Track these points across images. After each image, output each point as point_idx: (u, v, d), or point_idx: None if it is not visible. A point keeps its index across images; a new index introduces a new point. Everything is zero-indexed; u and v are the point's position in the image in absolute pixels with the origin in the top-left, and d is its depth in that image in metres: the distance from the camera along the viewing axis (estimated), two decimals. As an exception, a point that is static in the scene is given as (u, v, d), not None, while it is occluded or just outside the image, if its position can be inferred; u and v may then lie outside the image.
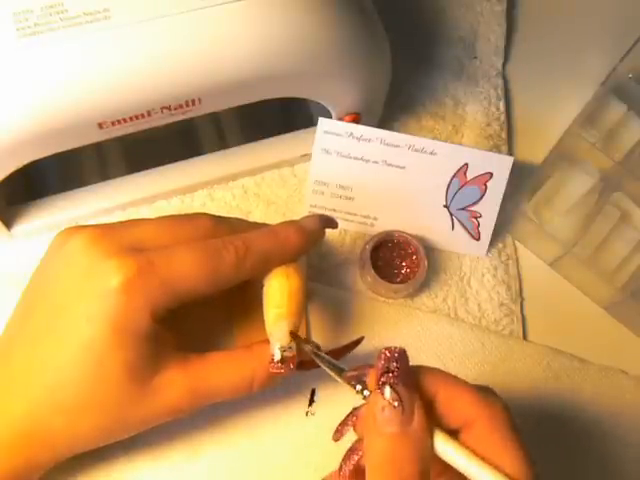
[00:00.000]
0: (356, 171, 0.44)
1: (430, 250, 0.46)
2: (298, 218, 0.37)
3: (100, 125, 0.36)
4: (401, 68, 0.49)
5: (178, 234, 0.33)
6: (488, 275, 0.47)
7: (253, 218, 0.46)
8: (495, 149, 0.50)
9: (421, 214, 0.46)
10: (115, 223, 0.35)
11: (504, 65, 0.55)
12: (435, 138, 0.50)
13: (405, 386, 0.27)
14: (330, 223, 0.39)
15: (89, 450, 0.33)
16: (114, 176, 0.45)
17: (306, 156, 0.47)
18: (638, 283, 0.46)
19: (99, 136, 0.37)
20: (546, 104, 0.54)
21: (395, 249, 0.45)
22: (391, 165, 0.44)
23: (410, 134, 0.44)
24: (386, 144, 0.44)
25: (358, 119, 0.44)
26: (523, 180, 0.48)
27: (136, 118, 0.37)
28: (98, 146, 0.49)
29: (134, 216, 0.45)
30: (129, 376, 0.31)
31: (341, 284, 0.45)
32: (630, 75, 0.51)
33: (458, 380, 0.29)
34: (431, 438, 0.27)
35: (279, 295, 0.34)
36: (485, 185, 0.45)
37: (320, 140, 0.44)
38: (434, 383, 0.28)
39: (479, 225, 0.46)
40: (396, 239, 0.45)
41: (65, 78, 0.34)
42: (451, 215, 0.46)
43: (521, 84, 0.55)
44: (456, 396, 0.28)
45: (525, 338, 0.46)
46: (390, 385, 0.27)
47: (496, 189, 0.45)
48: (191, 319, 0.35)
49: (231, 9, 0.35)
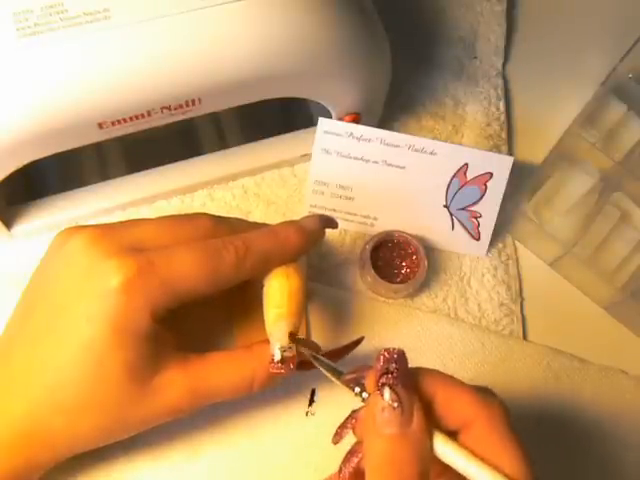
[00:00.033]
0: (356, 171, 0.44)
1: (430, 250, 0.46)
2: (298, 218, 0.37)
3: (100, 125, 0.36)
4: (401, 68, 0.49)
5: (178, 234, 0.33)
6: (488, 275, 0.47)
7: (253, 218, 0.46)
8: (495, 149, 0.50)
9: (421, 214, 0.46)
10: (115, 223, 0.35)
11: (504, 65, 0.55)
12: (435, 138, 0.50)
13: (404, 387, 0.27)
14: (330, 223, 0.39)
15: (89, 450, 0.33)
16: (114, 176, 0.45)
17: (306, 156, 0.46)
18: (638, 283, 0.46)
19: (99, 136, 0.37)
20: (546, 104, 0.54)
21: (395, 249, 0.45)
22: (391, 165, 0.44)
23: (410, 134, 0.44)
24: (386, 144, 0.44)
25: (358, 119, 0.44)
26: (523, 180, 0.48)
27: (136, 118, 0.37)
28: (98, 146, 0.49)
29: (134, 216, 0.45)
30: (129, 376, 0.31)
31: (341, 284, 0.45)
32: (630, 75, 0.51)
33: (456, 381, 0.29)
34: (430, 439, 0.27)
35: (279, 295, 0.34)
36: (485, 185, 0.45)
37: (320, 140, 0.44)
38: (432, 384, 0.28)
39: (479, 225, 0.46)
40: (396, 239, 0.45)
41: (65, 78, 0.34)
42: (451, 215, 0.46)
43: (521, 84, 0.55)
44: (454, 397, 0.28)
45: (525, 338, 0.46)
46: (389, 386, 0.27)
47: (496, 189, 0.45)
48: (191, 319, 0.35)
49: (231, 9, 0.35)
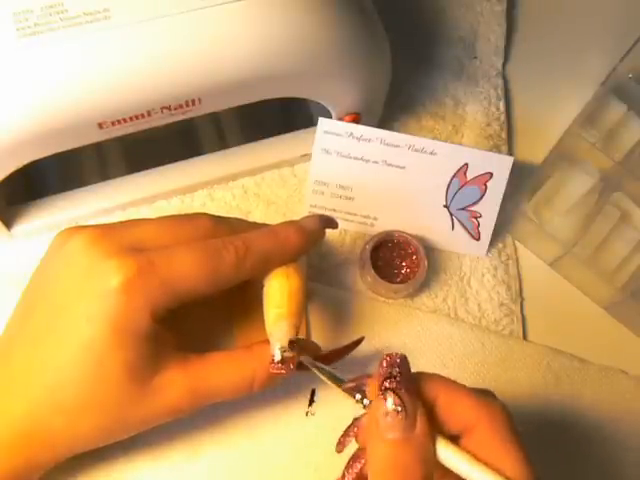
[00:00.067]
0: (356, 171, 0.44)
1: (430, 250, 0.46)
2: (298, 218, 0.37)
3: (100, 125, 0.36)
4: (401, 68, 0.49)
5: (178, 234, 0.33)
6: (488, 275, 0.47)
7: (253, 218, 0.46)
8: (495, 149, 0.50)
9: (421, 214, 0.46)
10: (115, 223, 0.35)
11: (504, 65, 0.55)
12: (435, 138, 0.50)
13: (407, 392, 0.27)
14: (330, 223, 0.39)
15: (89, 450, 0.33)
16: (114, 176, 0.45)
17: (306, 156, 0.46)
18: (638, 283, 0.46)
19: (99, 136, 0.37)
20: (546, 104, 0.54)
21: (395, 249, 0.45)
22: (391, 165, 0.44)
23: (410, 134, 0.44)
24: (386, 144, 0.44)
25: (358, 119, 0.44)
26: (523, 180, 0.48)
27: (136, 118, 0.37)
28: (98, 146, 0.49)
29: (134, 216, 0.45)
30: (129, 376, 0.31)
31: (341, 284, 0.45)
32: (630, 75, 0.51)
33: (458, 385, 0.29)
34: (433, 444, 0.27)
35: (279, 295, 0.34)
36: (485, 185, 0.45)
37: (320, 140, 0.44)
38: (434, 388, 0.28)
39: (479, 225, 0.46)
40: (396, 239, 0.45)
41: (65, 78, 0.34)
42: (451, 215, 0.46)
43: (521, 84, 0.55)
44: (456, 401, 0.28)
45: (525, 338, 0.46)
46: (393, 390, 0.27)
47: (496, 189, 0.45)
48: (191, 319, 0.35)
49: (231, 9, 0.35)
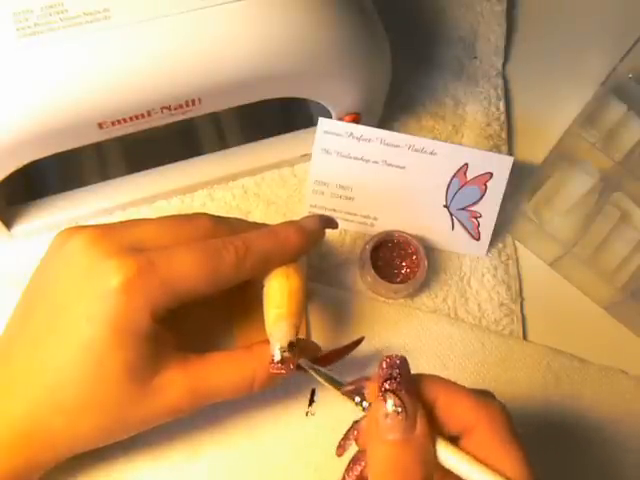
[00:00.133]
0: (356, 171, 0.44)
1: (430, 250, 0.46)
2: (298, 218, 0.37)
3: (100, 125, 0.36)
4: (401, 68, 0.49)
5: (178, 234, 0.33)
6: (488, 275, 0.47)
7: (253, 218, 0.46)
8: (495, 149, 0.50)
9: (421, 214, 0.46)
10: (115, 223, 0.35)
11: (504, 65, 0.55)
12: (435, 138, 0.50)
13: (407, 393, 0.27)
14: (330, 223, 0.38)
15: (89, 450, 0.33)
16: (114, 176, 0.45)
17: (306, 156, 0.46)
18: (638, 283, 0.46)
19: (99, 136, 0.37)
20: (546, 104, 0.54)
21: (395, 249, 0.45)
22: (391, 165, 0.44)
23: (410, 134, 0.44)
24: (386, 144, 0.44)
25: (358, 119, 0.44)
26: (523, 180, 0.48)
27: (136, 118, 0.37)
28: (98, 146, 0.49)
29: (134, 216, 0.45)
30: (129, 376, 0.31)
31: (341, 284, 0.45)
32: (630, 75, 0.51)
33: (457, 386, 0.29)
34: (433, 445, 0.27)
35: (279, 295, 0.34)
36: (485, 185, 0.45)
37: (320, 140, 0.44)
38: (433, 390, 0.28)
39: (479, 225, 0.46)
40: (396, 239, 0.45)
41: (65, 78, 0.34)
42: (451, 215, 0.46)
43: (521, 84, 0.55)
44: (456, 402, 0.28)
45: (525, 338, 0.46)
46: (393, 392, 0.27)
47: (496, 189, 0.45)
48: (191, 319, 0.35)
49: (231, 9, 0.35)
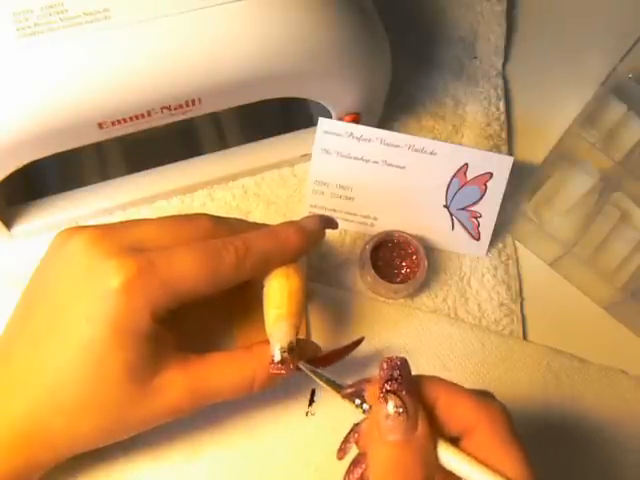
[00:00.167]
0: (356, 171, 0.44)
1: (430, 250, 0.46)
2: (298, 218, 0.37)
3: (100, 125, 0.36)
4: (401, 68, 0.49)
5: (178, 234, 0.33)
6: (488, 275, 0.47)
7: (253, 218, 0.46)
8: (495, 149, 0.50)
9: (421, 214, 0.46)
10: (115, 223, 0.35)
11: (504, 65, 0.55)
12: (435, 138, 0.50)
13: (408, 394, 0.27)
14: (330, 223, 0.38)
15: (89, 450, 0.33)
16: (114, 176, 0.45)
17: (306, 156, 0.46)
18: (638, 283, 0.46)
19: (99, 136, 0.37)
20: (546, 104, 0.54)
21: (395, 249, 0.45)
22: (391, 165, 0.44)
23: (410, 134, 0.44)
24: (386, 144, 0.44)
25: (358, 119, 0.44)
26: (523, 180, 0.48)
27: (136, 118, 0.37)
28: (98, 146, 0.49)
29: (134, 216, 0.45)
30: (129, 376, 0.31)
31: (341, 284, 0.45)
32: (630, 75, 0.51)
33: (457, 387, 0.29)
34: (434, 445, 0.27)
35: (279, 296, 0.34)
36: (485, 185, 0.45)
37: (320, 140, 0.44)
38: (434, 391, 0.28)
39: (479, 225, 0.46)
40: (396, 239, 0.45)
41: (65, 78, 0.34)
42: (451, 215, 0.46)
43: (521, 84, 0.55)
44: (456, 403, 0.28)
45: (525, 338, 0.46)
46: (394, 393, 0.27)
47: (496, 189, 0.45)
48: (191, 319, 0.35)
49: (231, 9, 0.35)
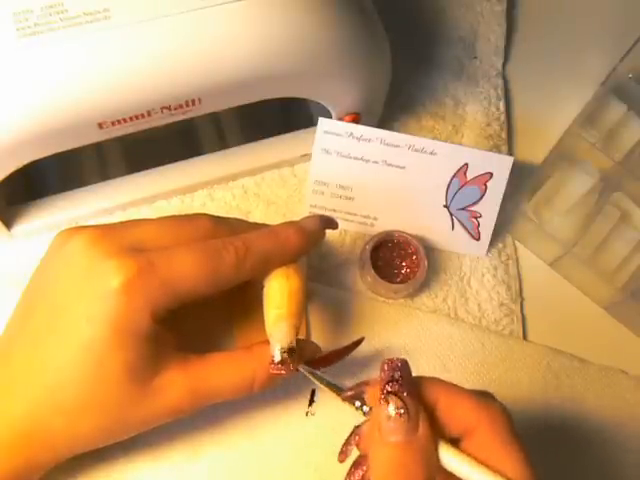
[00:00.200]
0: (356, 171, 0.44)
1: (430, 250, 0.46)
2: (298, 218, 0.37)
3: (100, 125, 0.36)
4: (401, 68, 0.49)
5: (178, 234, 0.33)
6: (488, 275, 0.47)
7: (253, 218, 0.46)
8: (495, 149, 0.50)
9: (421, 214, 0.46)
10: (115, 223, 0.35)
11: (504, 65, 0.55)
12: (435, 138, 0.50)
13: (409, 395, 0.27)
14: (330, 224, 0.38)
15: (89, 450, 0.33)
16: (114, 176, 0.45)
17: (306, 156, 0.46)
18: (638, 283, 0.46)
19: (99, 136, 0.37)
20: (546, 104, 0.54)
21: (395, 249, 0.45)
22: (391, 165, 0.44)
23: (410, 134, 0.44)
24: (386, 144, 0.44)
25: (358, 119, 0.44)
26: (523, 180, 0.48)
27: (136, 118, 0.37)
28: (98, 146, 0.49)
29: (134, 216, 0.45)
30: (129, 377, 0.31)
31: (341, 284, 0.45)
32: (630, 75, 0.51)
33: (457, 388, 0.29)
34: (435, 446, 0.27)
35: (279, 296, 0.34)
36: (485, 185, 0.45)
37: (320, 140, 0.44)
38: (434, 392, 0.28)
39: (479, 225, 0.46)
40: (396, 239, 0.45)
41: (65, 78, 0.34)
42: (451, 215, 0.46)
43: (521, 84, 0.55)
44: (456, 404, 0.28)
45: (525, 338, 0.46)
46: (395, 394, 0.27)
47: (496, 189, 0.45)
48: (191, 319, 0.35)
49: (231, 9, 0.35)
